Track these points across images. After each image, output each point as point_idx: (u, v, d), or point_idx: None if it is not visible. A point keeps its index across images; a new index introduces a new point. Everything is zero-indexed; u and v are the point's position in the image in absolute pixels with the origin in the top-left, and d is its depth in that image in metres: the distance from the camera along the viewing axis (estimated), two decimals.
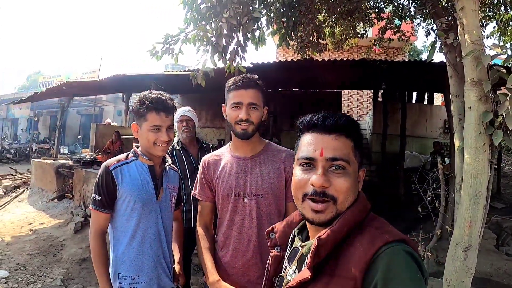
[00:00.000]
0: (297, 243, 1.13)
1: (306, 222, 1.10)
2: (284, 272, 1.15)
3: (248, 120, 1.95)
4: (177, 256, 2.35)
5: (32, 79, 28.53)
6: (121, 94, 14.80)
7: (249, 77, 2.01)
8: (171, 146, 3.24)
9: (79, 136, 22.08)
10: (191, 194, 2.29)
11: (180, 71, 11.59)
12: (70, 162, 10.49)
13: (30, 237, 7.04)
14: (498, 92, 2.41)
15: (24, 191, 10.88)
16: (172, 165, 2.37)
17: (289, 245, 1.18)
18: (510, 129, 2.24)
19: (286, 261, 1.16)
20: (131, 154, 2.18)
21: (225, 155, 2.14)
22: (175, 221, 2.42)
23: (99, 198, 2.04)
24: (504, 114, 2.26)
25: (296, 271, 1.07)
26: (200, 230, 2.16)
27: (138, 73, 8.20)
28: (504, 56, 2.73)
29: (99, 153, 11.20)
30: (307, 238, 1.13)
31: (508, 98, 2.24)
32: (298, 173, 1.06)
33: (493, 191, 9.56)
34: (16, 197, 10.39)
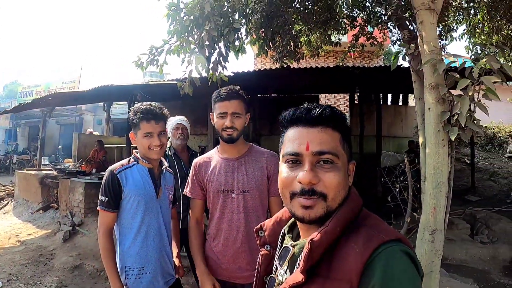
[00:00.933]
0: (288, 242, 1.08)
1: (296, 220, 1.05)
2: (275, 272, 1.11)
3: (232, 127, 2.26)
4: (175, 250, 2.63)
5: (9, 89, 28.12)
6: (101, 104, 14.88)
7: (232, 89, 2.32)
8: None
9: (59, 147, 21.78)
10: (183, 193, 2.57)
11: (161, 80, 11.82)
12: (55, 173, 10.54)
13: (19, 248, 7.11)
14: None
15: (8, 203, 10.84)
16: (167, 167, 2.65)
17: (279, 243, 1.13)
18: (463, 126, 2.59)
19: (276, 261, 1.11)
20: (132, 159, 2.45)
21: (214, 157, 2.43)
22: (172, 219, 2.67)
23: (106, 199, 2.29)
24: (458, 113, 2.61)
25: (288, 271, 1.02)
26: (192, 225, 2.45)
27: (125, 83, 8.41)
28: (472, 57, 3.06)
29: (83, 162, 11.28)
30: (298, 236, 1.09)
31: (460, 99, 2.58)
32: (284, 170, 1.02)
33: (468, 185, 10.10)
34: (0, 209, 10.39)
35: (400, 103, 14.84)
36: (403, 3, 3.88)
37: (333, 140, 0.98)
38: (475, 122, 2.66)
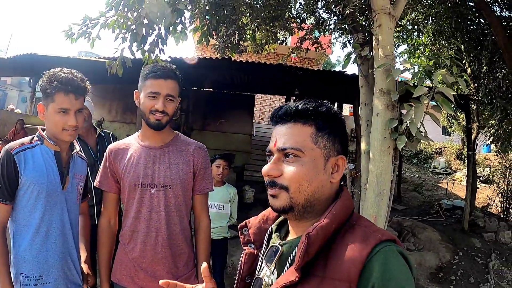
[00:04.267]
0: (276, 241, 1.06)
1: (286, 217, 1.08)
2: (260, 272, 1.07)
3: (163, 112, 1.92)
4: (83, 254, 2.18)
5: None
6: (27, 79, 13.68)
7: (169, 67, 1.99)
8: None
9: None
10: (94, 184, 2.17)
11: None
12: None
13: None
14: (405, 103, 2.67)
15: None
16: (80, 152, 2.21)
17: (265, 242, 1.11)
18: (414, 135, 2.49)
19: (263, 260, 1.08)
20: (36, 138, 1.98)
21: (133, 144, 2.07)
22: (81, 215, 2.24)
23: None
24: (408, 122, 2.51)
25: (275, 271, 1.00)
26: (103, 226, 2.10)
27: (50, 54, 7.58)
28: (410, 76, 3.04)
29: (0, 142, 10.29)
30: (286, 236, 1.08)
31: (413, 108, 2.48)
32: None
33: (394, 194, 10.45)
34: None
35: None
36: (362, 5, 3.79)
37: (300, 135, 0.99)
38: (422, 132, 2.58)
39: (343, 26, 3.98)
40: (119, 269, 2.03)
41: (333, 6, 3.86)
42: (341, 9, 3.54)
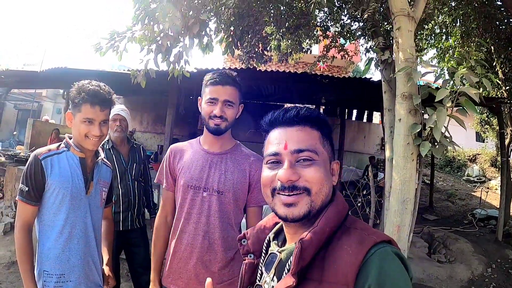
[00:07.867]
0: (274, 248, 1.07)
1: (283, 223, 1.06)
2: (261, 280, 1.08)
3: (222, 117, 1.97)
4: (106, 257, 2.28)
5: None
6: (61, 91, 14.17)
7: (228, 74, 2.04)
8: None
9: (15, 132, 20.63)
10: (154, 186, 2.25)
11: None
12: (3, 159, 9.82)
13: None
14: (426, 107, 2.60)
15: None
16: (105, 159, 2.30)
17: (264, 251, 1.12)
18: (438, 140, 2.42)
19: (262, 268, 1.08)
20: (62, 145, 2.10)
21: (193, 146, 2.13)
22: (105, 220, 2.35)
23: (27, 189, 1.95)
24: (431, 127, 2.44)
25: (275, 278, 1.01)
26: (160, 223, 2.17)
27: (81, 67, 7.78)
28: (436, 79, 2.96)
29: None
30: (284, 243, 1.08)
31: (436, 112, 2.41)
32: (265, 171, 1.03)
33: (426, 204, 10.20)
34: None
35: (365, 120, 14.97)
36: (381, 9, 3.74)
37: (311, 138, 1.00)
38: (447, 138, 2.51)
39: (364, 30, 3.93)
40: (167, 271, 2.09)
41: (353, 11, 3.82)
42: (360, 14, 3.49)
